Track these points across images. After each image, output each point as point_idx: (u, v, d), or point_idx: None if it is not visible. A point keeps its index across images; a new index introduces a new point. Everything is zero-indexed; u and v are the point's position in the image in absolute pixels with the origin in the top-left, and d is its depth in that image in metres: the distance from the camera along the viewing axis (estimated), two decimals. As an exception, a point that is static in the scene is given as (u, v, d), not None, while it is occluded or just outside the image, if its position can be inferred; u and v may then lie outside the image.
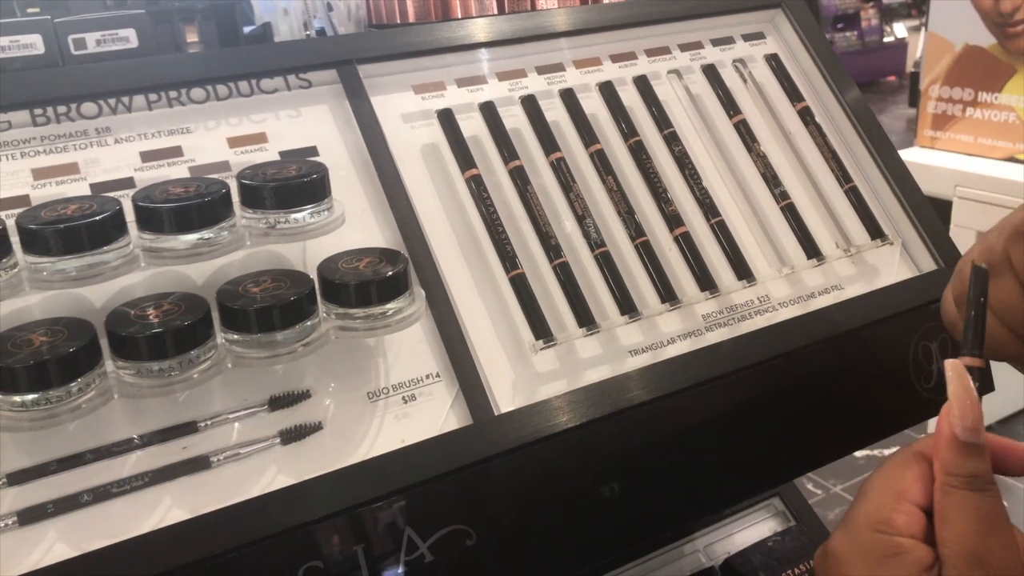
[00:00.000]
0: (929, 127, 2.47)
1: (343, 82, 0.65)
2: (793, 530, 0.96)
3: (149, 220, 0.52)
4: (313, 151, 0.63)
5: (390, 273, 0.54)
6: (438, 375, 0.58)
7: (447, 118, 0.67)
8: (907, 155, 2.37)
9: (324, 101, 0.65)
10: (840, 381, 0.68)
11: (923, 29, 2.96)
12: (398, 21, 0.66)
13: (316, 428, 0.54)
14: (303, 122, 0.64)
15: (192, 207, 0.52)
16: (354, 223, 0.61)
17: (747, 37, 0.80)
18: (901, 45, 6.41)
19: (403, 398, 0.57)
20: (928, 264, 0.74)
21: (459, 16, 0.66)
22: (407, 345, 0.58)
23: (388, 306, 0.54)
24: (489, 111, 0.68)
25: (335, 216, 0.57)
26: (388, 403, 0.56)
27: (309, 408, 0.54)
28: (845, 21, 5.95)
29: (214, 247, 0.52)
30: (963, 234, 2.15)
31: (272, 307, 0.50)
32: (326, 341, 0.54)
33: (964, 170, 2.26)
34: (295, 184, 0.54)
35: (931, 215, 0.75)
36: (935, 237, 0.74)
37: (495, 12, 0.65)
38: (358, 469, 0.53)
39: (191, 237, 0.52)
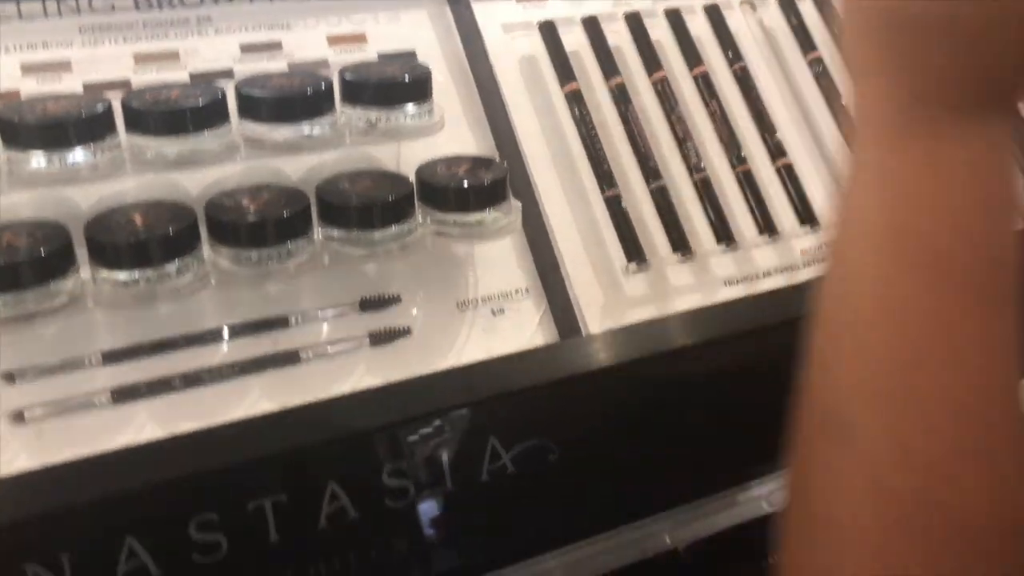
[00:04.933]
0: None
1: (446, -11, 0.64)
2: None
3: (251, 109, 0.51)
4: (412, 55, 0.61)
5: (489, 181, 0.52)
6: (527, 290, 0.57)
7: (549, 30, 0.65)
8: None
9: (424, 6, 0.64)
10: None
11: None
12: None
13: (405, 332, 0.53)
14: (402, 26, 0.62)
15: (296, 98, 0.51)
16: (451, 131, 0.59)
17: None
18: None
19: (492, 311, 0.56)
20: None
21: None
22: (499, 258, 0.57)
23: (485, 214, 0.53)
24: (592, 26, 0.66)
25: (436, 119, 0.55)
26: (476, 314, 0.55)
27: (399, 312, 0.54)
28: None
29: (315, 140, 0.51)
30: None
31: (372, 205, 0.49)
32: (422, 245, 0.53)
33: None
34: (399, 82, 0.53)
35: None
36: None
37: None
38: (443, 376, 0.52)
39: (293, 128, 0.51)
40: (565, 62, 0.64)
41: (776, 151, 0.65)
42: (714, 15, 0.69)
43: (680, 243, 0.60)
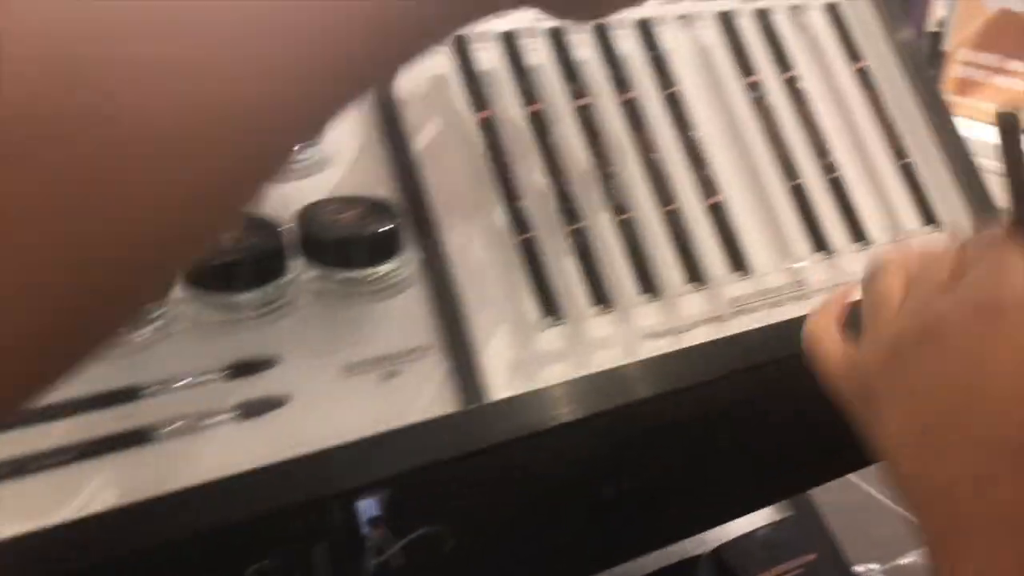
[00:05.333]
0: (952, 92, 2.37)
1: None
2: (789, 520, 0.90)
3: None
4: (301, 72, 0.54)
5: (381, 230, 0.45)
6: (427, 349, 0.50)
7: (460, 47, 0.57)
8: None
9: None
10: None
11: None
12: None
13: (280, 403, 0.46)
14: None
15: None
16: (342, 165, 0.52)
17: (806, -19, 0.70)
18: (922, 2, 6.20)
19: (385, 373, 0.49)
20: (980, 259, 0.66)
21: None
22: (395, 311, 0.50)
23: (376, 269, 0.46)
24: (509, 42, 0.59)
25: (320, 156, 0.48)
26: (366, 379, 0.48)
27: (274, 379, 0.46)
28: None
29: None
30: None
31: (234, 264, 0.41)
32: (299, 304, 0.45)
33: (985, 140, 2.18)
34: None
35: (990, 204, 0.67)
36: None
37: None
38: (322, 457, 0.45)
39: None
40: (478, 85, 0.57)
41: (708, 188, 0.60)
42: (645, 33, 0.63)
43: (600, 295, 0.54)
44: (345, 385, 0.48)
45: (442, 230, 0.52)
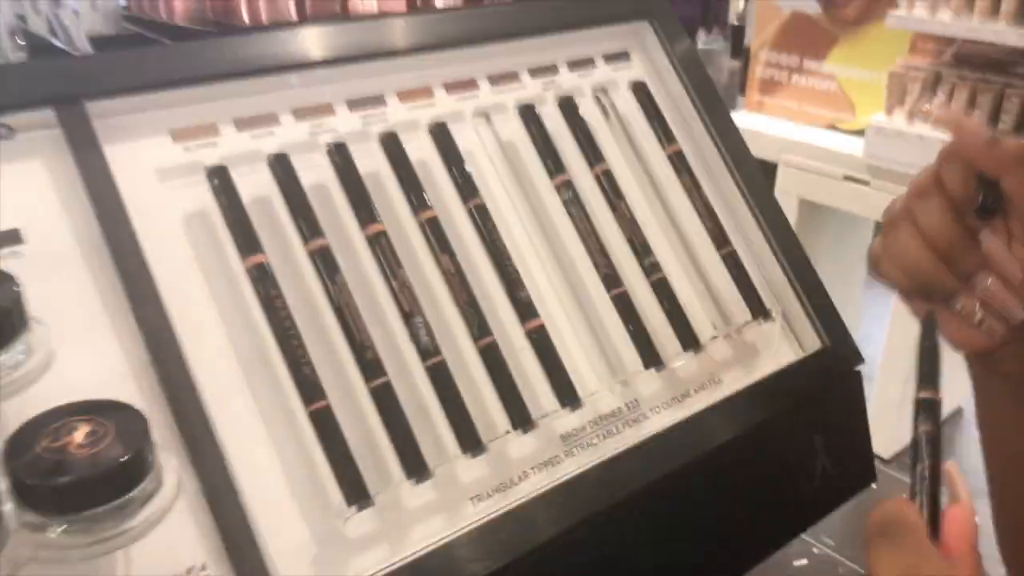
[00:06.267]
0: (757, 91, 2.45)
1: (64, 127, 0.45)
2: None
3: None
4: (14, 237, 0.43)
5: (119, 456, 0.36)
6: (204, 567, 0.41)
7: (220, 179, 0.48)
8: (735, 118, 2.34)
9: (36, 156, 0.45)
10: (723, 498, 0.57)
11: (747, -18, 2.94)
12: (162, 17, 0.48)
13: None
14: (1, 191, 0.44)
15: None
16: (78, 344, 0.42)
17: (610, 58, 0.65)
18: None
19: (154, 612, 0.39)
20: (812, 341, 0.63)
21: (244, 19, 0.48)
22: (159, 529, 0.41)
23: (117, 505, 0.36)
24: (282, 165, 0.50)
25: (36, 358, 0.38)
26: (132, 626, 0.39)
27: (0, 658, 0.36)
28: (669, -35, 5.91)
29: None
30: (786, 200, 2.14)
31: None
32: (17, 566, 0.35)
33: (788, 137, 2.26)
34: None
35: (816, 283, 0.64)
36: (820, 310, 0.63)
37: (293, 15, 0.48)
38: None
39: None
40: (246, 224, 0.48)
41: (525, 312, 0.53)
42: (440, 135, 0.56)
43: (414, 466, 0.47)
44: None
45: (210, 411, 0.43)
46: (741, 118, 2.37)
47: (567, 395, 0.52)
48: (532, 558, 0.48)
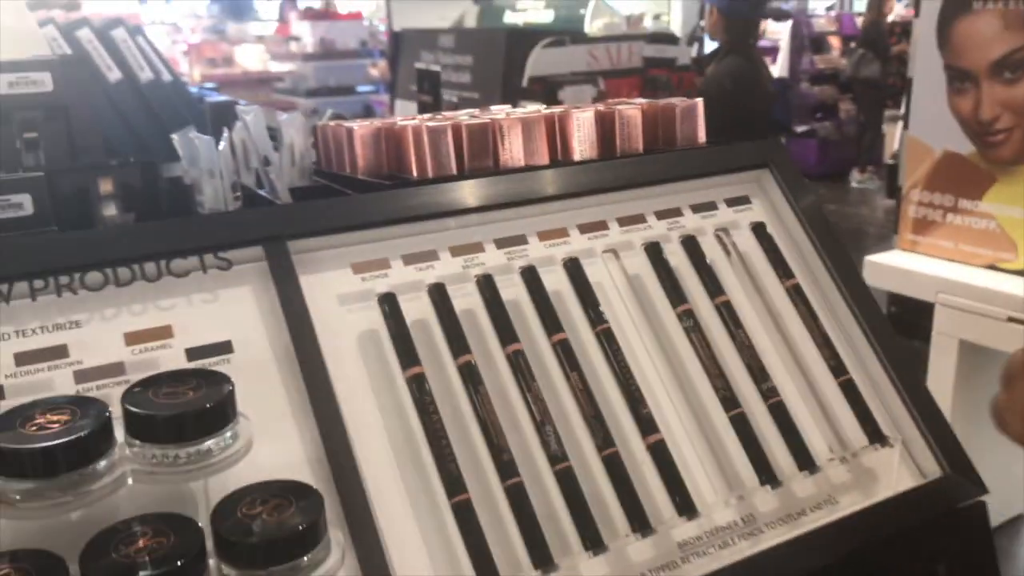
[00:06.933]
0: (910, 231, 2.43)
1: (269, 260, 0.57)
2: None
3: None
4: (227, 347, 0.54)
5: (298, 525, 0.44)
6: (360, 635, 0.48)
7: (389, 304, 0.58)
8: (888, 258, 2.31)
9: (246, 283, 0.56)
10: (836, 618, 0.59)
11: (900, 122, 2.94)
12: (347, 171, 0.60)
13: None
14: (219, 309, 0.55)
15: (57, 449, 0.42)
16: (270, 434, 0.51)
17: (731, 202, 0.72)
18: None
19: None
20: (932, 468, 0.65)
21: (413, 173, 0.59)
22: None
23: (295, 567, 0.44)
24: (439, 294, 0.59)
25: (240, 443, 0.47)
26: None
27: None
28: (824, 111, 5.98)
29: (81, 495, 0.43)
30: (945, 341, 2.07)
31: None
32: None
33: (945, 276, 2.20)
34: (191, 413, 0.45)
35: (936, 412, 0.66)
36: (940, 439, 0.65)
37: (453, 169, 0.58)
38: None
39: (55, 482, 0.42)
40: (407, 342, 0.57)
41: (647, 427, 0.59)
42: (573, 268, 0.64)
43: (541, 558, 0.53)
44: None
45: (371, 498, 0.51)
46: (895, 257, 2.34)
47: (684, 505, 0.57)
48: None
